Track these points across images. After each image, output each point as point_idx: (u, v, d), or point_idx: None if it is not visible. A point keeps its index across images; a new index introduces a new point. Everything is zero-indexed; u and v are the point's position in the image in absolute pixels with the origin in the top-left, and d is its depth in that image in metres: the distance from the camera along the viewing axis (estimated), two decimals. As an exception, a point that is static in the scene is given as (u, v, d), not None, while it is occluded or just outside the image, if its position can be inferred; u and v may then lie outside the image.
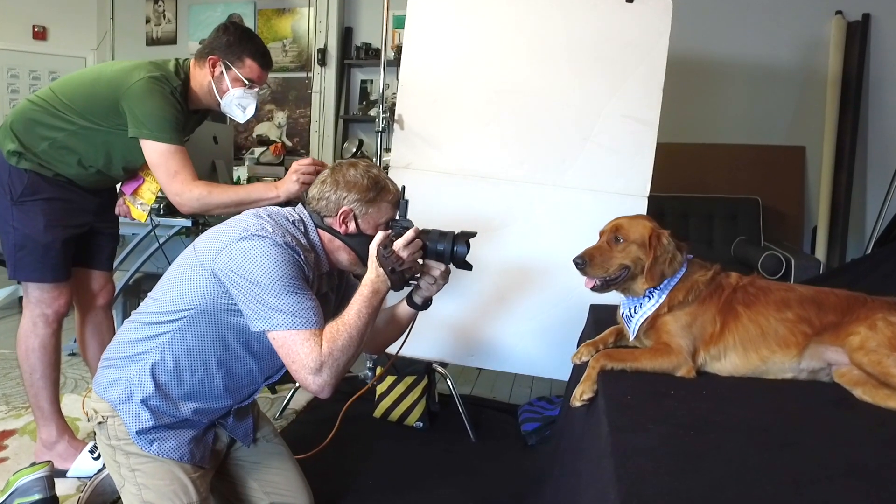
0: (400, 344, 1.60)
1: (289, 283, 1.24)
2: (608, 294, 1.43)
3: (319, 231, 1.40)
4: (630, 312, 1.41)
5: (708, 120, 3.84)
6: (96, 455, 1.85)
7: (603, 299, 1.52)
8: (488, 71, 2.19)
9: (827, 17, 3.65)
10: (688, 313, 1.35)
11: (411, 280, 1.43)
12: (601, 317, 1.69)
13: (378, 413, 2.31)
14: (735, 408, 1.16)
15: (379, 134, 2.34)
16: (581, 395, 1.31)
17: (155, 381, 1.31)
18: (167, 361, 1.31)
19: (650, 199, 2.08)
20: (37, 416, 1.88)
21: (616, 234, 1.41)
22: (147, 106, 1.68)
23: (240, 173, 4.02)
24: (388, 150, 2.30)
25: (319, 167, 1.66)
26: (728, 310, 1.34)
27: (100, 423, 1.36)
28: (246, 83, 1.79)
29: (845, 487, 0.88)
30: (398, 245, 1.33)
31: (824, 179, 3.60)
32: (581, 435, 1.35)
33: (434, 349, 2.23)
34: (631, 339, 1.43)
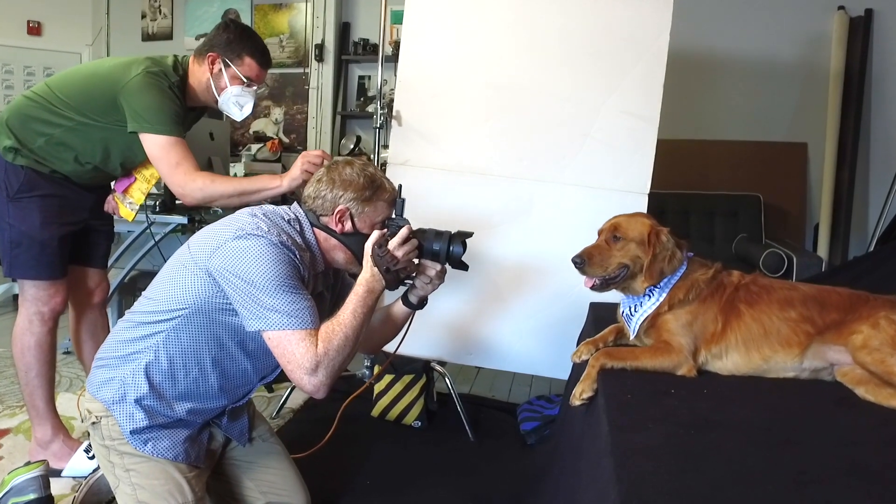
0: (398, 342, 1.59)
1: (284, 283, 1.23)
2: (608, 292, 1.42)
3: (315, 230, 1.39)
4: (630, 311, 1.40)
5: (709, 116, 3.82)
6: (91, 454, 1.83)
7: (603, 297, 1.51)
8: (487, 67, 2.17)
9: (829, 13, 3.62)
10: (688, 312, 1.34)
11: (406, 279, 1.42)
12: (601, 315, 1.67)
13: (376, 412, 2.30)
14: (736, 407, 1.15)
15: (377, 130, 2.33)
16: (581, 394, 1.30)
17: (149, 381, 1.30)
18: (161, 361, 1.30)
19: (651, 196, 2.06)
20: (31, 415, 1.87)
21: (614, 233, 1.39)
22: (145, 100, 1.67)
23: (236, 170, 3.99)
24: (386, 147, 2.28)
25: (328, 160, 1.64)
26: (731, 308, 1.33)
27: (94, 424, 1.35)
28: (244, 81, 1.79)
29: (847, 487, 0.87)
30: (393, 244, 1.32)
31: (826, 176, 3.58)
32: (581, 434, 1.35)
33: (432, 347, 2.22)
34: (631, 338, 1.41)
